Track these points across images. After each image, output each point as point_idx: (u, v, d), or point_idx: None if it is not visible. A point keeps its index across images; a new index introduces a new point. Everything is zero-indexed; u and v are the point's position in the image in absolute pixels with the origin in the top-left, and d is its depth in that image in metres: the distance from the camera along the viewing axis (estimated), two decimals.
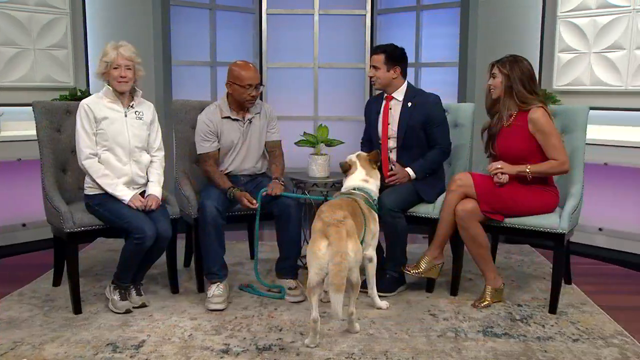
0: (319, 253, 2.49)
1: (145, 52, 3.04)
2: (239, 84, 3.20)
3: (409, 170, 3.27)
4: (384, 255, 3.31)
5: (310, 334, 2.56)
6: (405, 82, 3.39)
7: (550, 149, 2.95)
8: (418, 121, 3.28)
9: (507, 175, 2.96)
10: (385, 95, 3.40)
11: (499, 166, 2.98)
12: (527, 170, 2.95)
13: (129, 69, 2.94)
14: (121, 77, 2.92)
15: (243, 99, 3.23)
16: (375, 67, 3.33)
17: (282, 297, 3.12)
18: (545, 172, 2.98)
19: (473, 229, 2.95)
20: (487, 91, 3.14)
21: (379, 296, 3.08)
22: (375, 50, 3.38)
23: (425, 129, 3.30)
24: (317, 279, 2.50)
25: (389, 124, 3.36)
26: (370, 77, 3.38)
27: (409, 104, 3.31)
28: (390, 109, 3.37)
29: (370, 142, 3.50)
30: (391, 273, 3.22)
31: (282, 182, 3.28)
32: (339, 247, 2.45)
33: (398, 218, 3.16)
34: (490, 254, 3.06)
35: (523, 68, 3.00)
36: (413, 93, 3.36)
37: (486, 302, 3.01)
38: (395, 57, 3.31)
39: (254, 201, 3.13)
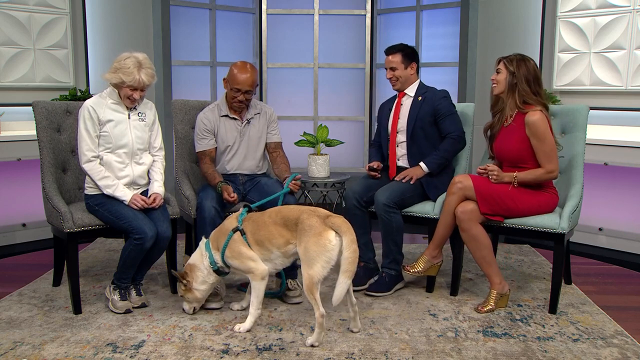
0: (329, 245, 2.51)
1: (145, 52, 3.00)
2: (230, 84, 3.25)
3: (421, 164, 3.27)
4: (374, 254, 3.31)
5: (316, 332, 2.55)
6: (418, 79, 3.43)
7: (542, 155, 2.93)
8: (426, 114, 3.31)
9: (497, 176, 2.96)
10: (398, 93, 3.44)
11: (495, 172, 2.97)
12: (514, 178, 2.95)
13: (143, 90, 2.92)
14: (133, 98, 2.90)
15: (231, 98, 3.28)
16: (392, 69, 3.35)
17: (280, 293, 3.13)
18: (531, 181, 2.97)
19: (474, 230, 2.95)
20: (491, 87, 3.14)
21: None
22: (389, 51, 3.39)
23: (436, 122, 3.32)
24: (325, 272, 2.52)
25: (398, 118, 3.39)
26: (390, 79, 3.39)
27: (419, 99, 3.35)
28: (402, 104, 3.41)
29: (379, 144, 3.52)
30: (387, 271, 3.21)
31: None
32: (353, 235, 2.52)
33: (393, 213, 3.14)
34: (493, 256, 3.03)
35: (529, 67, 2.98)
36: (424, 89, 3.40)
37: (489, 307, 2.97)
38: (410, 54, 3.36)
39: (232, 194, 3.11)
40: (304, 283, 2.54)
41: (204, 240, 2.88)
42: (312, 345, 2.54)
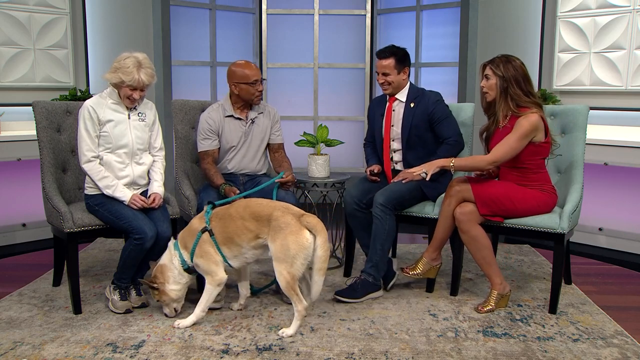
0: (306, 243, 2.61)
1: (145, 52, 2.99)
2: (245, 82, 3.22)
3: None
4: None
5: (296, 323, 2.65)
6: (409, 82, 3.38)
7: (502, 142, 2.89)
8: (421, 121, 3.26)
9: (424, 172, 2.97)
10: (389, 97, 3.38)
11: (418, 171, 2.98)
12: (451, 164, 2.95)
13: (142, 90, 2.91)
14: (132, 98, 2.89)
15: (251, 95, 3.25)
16: (385, 74, 3.26)
17: (271, 284, 3.19)
18: (468, 165, 2.99)
19: (473, 231, 2.94)
20: (481, 93, 3.07)
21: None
22: (382, 55, 3.28)
23: (432, 128, 3.28)
24: (303, 270, 2.63)
25: (392, 126, 3.35)
26: (381, 84, 3.30)
27: (412, 105, 3.29)
28: (394, 110, 3.36)
29: (374, 143, 3.49)
30: (365, 276, 3.11)
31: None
32: (326, 235, 2.65)
33: (388, 215, 3.10)
34: (494, 257, 3.02)
35: (517, 67, 2.92)
36: (415, 93, 3.33)
37: (489, 307, 2.97)
38: (402, 58, 3.28)
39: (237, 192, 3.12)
40: (283, 281, 2.61)
41: (172, 240, 2.88)
42: (289, 335, 2.63)
